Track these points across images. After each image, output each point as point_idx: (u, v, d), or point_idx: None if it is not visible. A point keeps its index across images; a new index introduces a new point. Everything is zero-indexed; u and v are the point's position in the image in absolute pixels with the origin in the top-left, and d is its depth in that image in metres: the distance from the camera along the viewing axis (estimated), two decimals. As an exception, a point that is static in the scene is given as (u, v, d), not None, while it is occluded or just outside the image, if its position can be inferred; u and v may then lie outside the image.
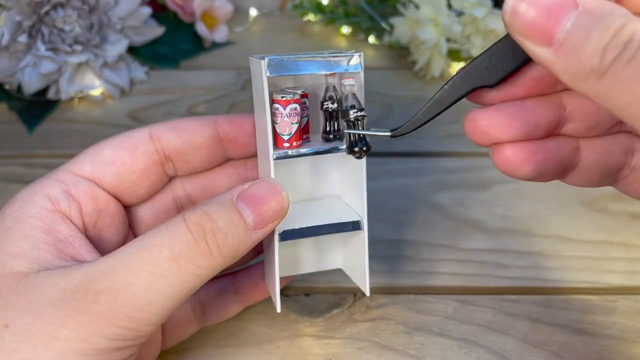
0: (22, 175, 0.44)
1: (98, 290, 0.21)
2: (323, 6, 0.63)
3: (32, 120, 0.50)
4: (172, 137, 0.28)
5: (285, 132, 0.26)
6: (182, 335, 0.31)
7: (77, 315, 0.21)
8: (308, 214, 0.29)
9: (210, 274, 0.23)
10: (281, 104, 0.26)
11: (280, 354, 0.32)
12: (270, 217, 0.24)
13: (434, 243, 0.38)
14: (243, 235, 0.24)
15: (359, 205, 0.28)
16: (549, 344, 0.32)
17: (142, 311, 0.22)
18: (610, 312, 0.34)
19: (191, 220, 0.23)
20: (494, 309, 0.34)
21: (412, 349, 0.32)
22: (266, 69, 0.25)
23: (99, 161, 0.27)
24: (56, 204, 0.25)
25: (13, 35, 0.48)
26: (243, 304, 0.32)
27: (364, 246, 0.29)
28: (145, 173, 0.28)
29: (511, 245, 0.38)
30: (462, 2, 0.52)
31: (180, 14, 0.61)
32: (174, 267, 0.22)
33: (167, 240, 0.22)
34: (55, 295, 0.21)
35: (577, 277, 0.36)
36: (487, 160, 0.46)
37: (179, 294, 0.22)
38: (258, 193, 0.24)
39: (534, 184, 0.43)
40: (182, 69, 0.57)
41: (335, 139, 0.28)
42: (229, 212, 0.24)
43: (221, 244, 0.23)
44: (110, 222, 0.27)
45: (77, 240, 0.25)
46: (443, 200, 0.42)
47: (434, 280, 0.36)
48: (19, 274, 0.22)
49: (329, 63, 0.26)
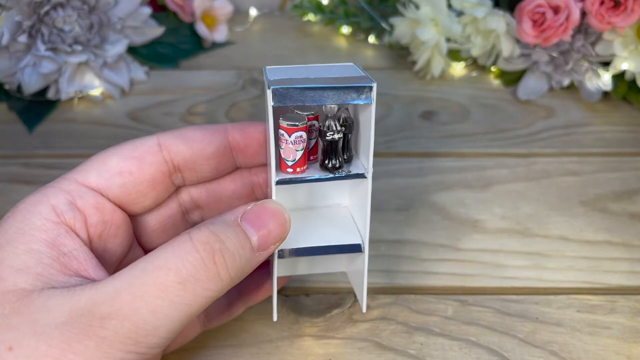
0: (21, 175, 0.44)
1: (104, 315, 0.21)
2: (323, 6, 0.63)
3: (31, 120, 0.50)
4: (181, 147, 0.28)
5: (289, 158, 0.26)
6: (184, 339, 0.31)
7: (84, 340, 0.21)
8: (310, 230, 0.28)
9: (217, 296, 0.23)
10: (286, 131, 0.25)
11: (280, 354, 0.32)
12: (273, 239, 0.24)
13: (434, 243, 0.38)
14: (250, 256, 0.24)
15: (362, 224, 0.28)
16: (549, 344, 0.32)
17: (149, 335, 0.21)
18: (610, 312, 0.34)
19: (199, 240, 0.23)
20: (494, 309, 0.34)
21: (412, 349, 0.32)
22: (271, 100, 0.24)
23: (105, 171, 0.26)
24: (61, 216, 0.24)
25: (13, 35, 0.48)
26: (245, 305, 0.32)
27: (363, 265, 0.29)
28: (152, 184, 0.27)
29: (511, 245, 0.38)
30: (462, 2, 0.52)
31: (180, 14, 0.61)
32: (181, 291, 0.22)
33: (174, 262, 0.22)
34: (60, 317, 0.21)
35: (577, 277, 0.36)
36: (487, 160, 0.46)
37: (186, 317, 0.22)
38: (261, 215, 0.24)
39: (534, 184, 0.43)
40: (182, 69, 0.57)
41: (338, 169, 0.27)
42: (235, 233, 0.23)
43: (229, 265, 0.23)
44: (116, 232, 0.27)
45: (82, 254, 0.24)
46: (443, 200, 0.42)
47: (434, 280, 0.36)
48: (22, 292, 0.22)
49: (339, 95, 0.25)
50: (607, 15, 0.46)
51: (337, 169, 0.27)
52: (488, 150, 0.46)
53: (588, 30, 0.50)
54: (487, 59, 0.54)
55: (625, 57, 0.48)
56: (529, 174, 0.44)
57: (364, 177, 0.27)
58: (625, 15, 0.46)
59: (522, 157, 0.46)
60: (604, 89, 0.51)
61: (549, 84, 0.53)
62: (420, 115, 0.51)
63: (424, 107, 0.52)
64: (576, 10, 0.47)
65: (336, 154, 0.26)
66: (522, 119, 0.50)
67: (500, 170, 0.44)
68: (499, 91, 0.54)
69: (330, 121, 0.26)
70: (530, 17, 0.48)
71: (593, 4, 0.46)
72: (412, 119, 0.50)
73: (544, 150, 0.46)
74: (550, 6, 0.48)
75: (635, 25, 0.47)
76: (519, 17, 0.49)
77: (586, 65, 0.51)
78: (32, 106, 0.51)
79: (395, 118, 0.50)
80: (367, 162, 0.27)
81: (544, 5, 0.48)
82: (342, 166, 0.27)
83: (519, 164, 0.45)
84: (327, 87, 0.24)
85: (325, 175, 0.27)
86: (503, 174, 0.44)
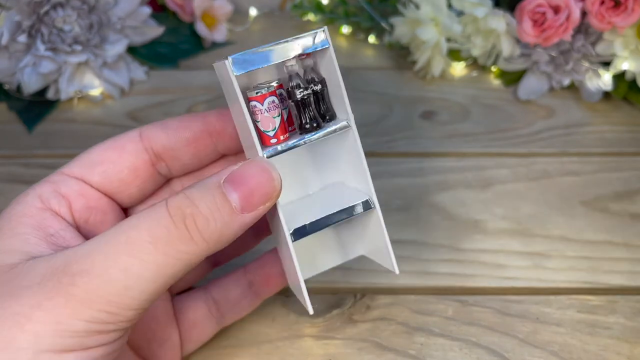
0: (21, 175, 0.44)
1: (75, 273, 0.21)
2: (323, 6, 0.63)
3: (31, 120, 0.50)
4: (160, 134, 0.28)
5: (269, 129, 0.25)
6: (201, 337, 0.31)
7: (53, 297, 0.21)
8: (315, 207, 0.28)
9: (193, 259, 0.23)
10: (258, 100, 0.25)
11: (280, 354, 0.32)
12: (260, 199, 0.23)
13: (434, 243, 0.38)
14: (228, 219, 0.23)
15: (364, 184, 0.27)
16: (549, 344, 0.32)
17: (120, 295, 0.21)
18: (610, 312, 0.34)
19: (172, 204, 0.22)
20: (494, 309, 0.34)
21: (413, 350, 0.32)
22: (232, 68, 0.24)
23: (87, 161, 0.27)
24: (46, 202, 0.25)
25: (13, 35, 0.48)
26: (259, 298, 0.32)
27: (380, 225, 0.28)
28: (134, 172, 0.28)
29: (511, 245, 0.38)
30: (462, 2, 0.52)
31: (180, 13, 0.61)
32: (152, 250, 0.22)
33: (147, 223, 0.22)
34: (36, 278, 0.21)
35: (577, 277, 0.36)
36: (487, 160, 0.46)
37: (159, 278, 0.22)
38: (246, 174, 0.23)
39: (534, 184, 0.43)
40: (182, 69, 0.57)
41: (317, 127, 0.26)
42: (212, 196, 0.23)
43: (202, 229, 0.22)
44: (103, 219, 0.27)
45: (69, 234, 0.25)
46: (443, 200, 0.42)
47: (434, 280, 0.36)
48: (9, 266, 0.22)
49: (296, 46, 0.25)
50: (607, 15, 0.46)
51: (317, 127, 0.26)
52: (488, 150, 0.46)
53: (588, 30, 0.50)
54: (488, 59, 0.54)
55: (626, 57, 0.48)
56: (529, 174, 0.44)
57: (347, 126, 0.26)
58: (626, 15, 0.46)
59: (522, 157, 0.46)
60: (604, 89, 0.51)
61: (549, 83, 0.53)
62: (421, 115, 0.51)
63: (424, 107, 0.51)
64: (576, 10, 0.47)
65: (311, 112, 0.26)
66: (522, 119, 0.50)
67: (500, 170, 0.44)
68: (499, 91, 0.53)
69: (296, 79, 0.26)
70: (531, 17, 0.48)
71: (593, 4, 0.46)
72: (412, 119, 0.50)
73: (544, 150, 0.46)
74: (551, 6, 0.48)
75: (636, 25, 0.47)
76: (519, 17, 0.49)
77: (586, 65, 0.51)
78: (31, 106, 0.51)
79: (395, 118, 0.50)
80: (346, 113, 0.26)
81: (544, 5, 0.47)
82: (320, 125, 0.26)
83: (519, 164, 0.45)
84: (281, 42, 0.25)
85: (310, 135, 0.26)
86: (503, 174, 0.44)
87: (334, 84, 0.26)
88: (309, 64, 0.26)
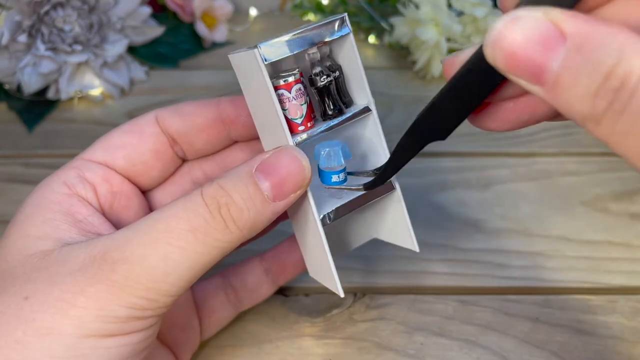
0: (21, 175, 0.44)
1: (115, 260, 0.21)
2: (323, 6, 0.63)
3: (31, 120, 0.50)
4: (175, 119, 0.28)
5: (297, 116, 0.25)
6: (219, 322, 0.31)
7: (95, 284, 0.21)
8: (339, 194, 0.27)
9: (229, 247, 0.23)
10: (285, 88, 0.25)
11: (280, 354, 0.32)
12: (291, 188, 0.24)
13: (434, 243, 0.38)
14: (260, 207, 0.23)
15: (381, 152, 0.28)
16: (549, 344, 0.32)
17: (159, 282, 0.22)
18: (610, 312, 0.34)
19: (207, 194, 0.23)
20: (494, 309, 0.34)
21: (412, 349, 0.32)
22: (263, 56, 0.24)
23: (108, 146, 0.27)
24: (72, 188, 0.25)
25: (13, 35, 0.48)
26: (275, 284, 0.33)
27: (401, 204, 0.28)
28: (155, 154, 0.28)
29: (511, 245, 0.38)
30: (462, 2, 0.52)
31: (180, 13, 0.61)
32: (191, 239, 0.22)
33: (185, 212, 0.22)
34: (75, 265, 0.22)
35: (577, 277, 0.36)
36: (487, 160, 0.46)
37: (197, 265, 0.22)
38: (277, 163, 0.23)
39: (534, 184, 0.43)
40: (182, 69, 0.57)
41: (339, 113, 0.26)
42: (244, 185, 0.23)
43: (236, 218, 0.23)
44: (127, 203, 0.27)
45: (97, 219, 0.25)
46: (443, 200, 0.42)
47: (434, 280, 0.36)
48: (44, 252, 0.23)
49: (320, 33, 0.25)
50: (607, 15, 0.46)
51: (339, 112, 0.26)
52: (488, 150, 0.46)
53: (588, 30, 0.50)
54: (487, 59, 0.54)
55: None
56: (529, 174, 0.44)
57: (369, 110, 0.27)
58: (626, 15, 0.46)
59: (522, 157, 0.46)
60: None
61: (549, 83, 0.53)
62: (420, 115, 0.51)
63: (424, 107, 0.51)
64: (576, 10, 0.47)
65: (333, 99, 0.26)
66: (522, 119, 0.50)
67: (500, 170, 0.44)
68: (499, 91, 0.53)
69: (318, 67, 0.26)
70: (531, 17, 0.48)
71: (593, 4, 0.46)
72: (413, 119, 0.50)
73: (545, 150, 0.46)
74: (551, 6, 0.48)
75: (636, 25, 0.47)
76: (519, 17, 0.49)
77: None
78: (32, 106, 0.51)
79: (395, 118, 0.50)
80: (367, 97, 0.27)
81: (544, 5, 0.48)
82: (342, 110, 0.26)
83: (519, 164, 0.45)
84: (304, 29, 0.25)
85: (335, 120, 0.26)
86: (503, 174, 0.44)
87: (354, 69, 0.27)
88: (325, 52, 0.26)
